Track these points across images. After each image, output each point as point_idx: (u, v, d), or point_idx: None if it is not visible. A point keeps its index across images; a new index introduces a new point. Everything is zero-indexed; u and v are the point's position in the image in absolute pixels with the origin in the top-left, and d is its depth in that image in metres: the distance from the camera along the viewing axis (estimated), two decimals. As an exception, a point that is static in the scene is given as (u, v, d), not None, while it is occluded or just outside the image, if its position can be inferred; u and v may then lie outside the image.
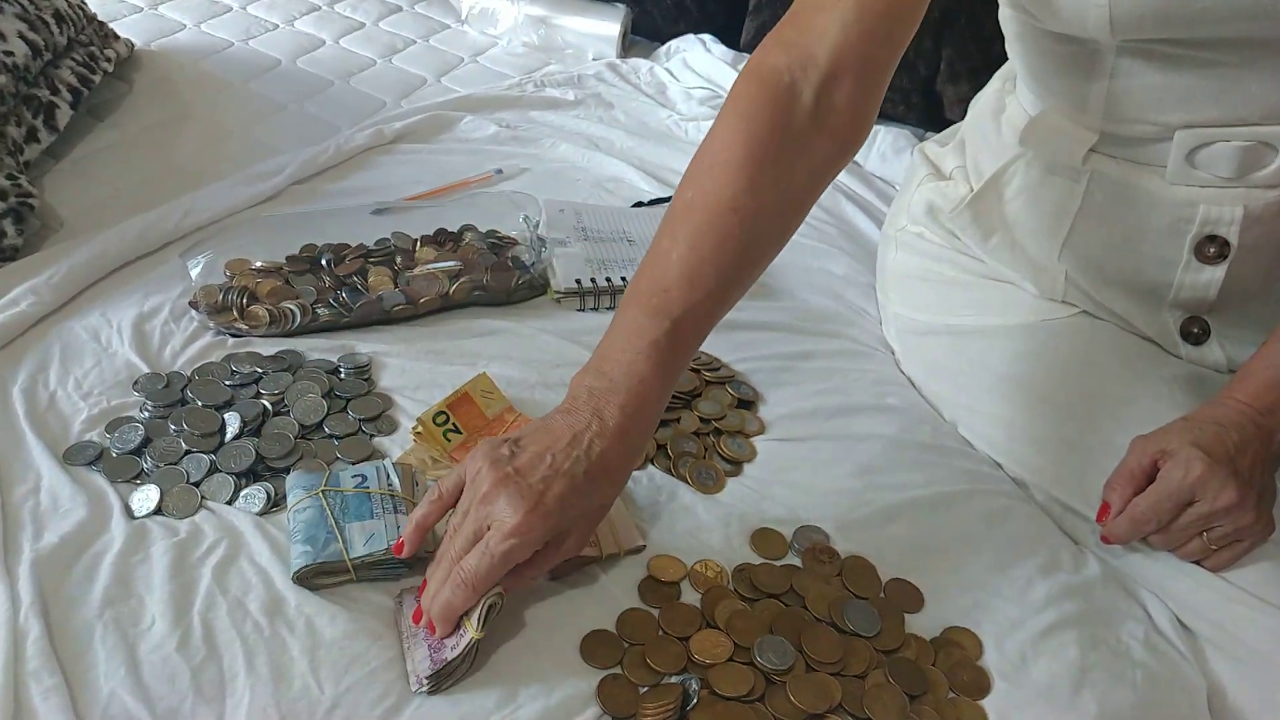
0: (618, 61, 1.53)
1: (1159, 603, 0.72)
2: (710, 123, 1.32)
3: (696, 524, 0.75)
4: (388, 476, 0.71)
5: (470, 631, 0.60)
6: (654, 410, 0.65)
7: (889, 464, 0.81)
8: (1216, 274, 0.75)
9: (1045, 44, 0.76)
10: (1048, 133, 0.79)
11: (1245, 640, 0.67)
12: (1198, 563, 0.70)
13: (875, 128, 1.29)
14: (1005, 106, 0.87)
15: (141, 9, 1.55)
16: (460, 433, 0.78)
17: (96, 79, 1.22)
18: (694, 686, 0.61)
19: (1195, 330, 0.80)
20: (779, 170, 0.67)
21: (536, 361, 0.89)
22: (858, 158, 1.29)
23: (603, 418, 0.63)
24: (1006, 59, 0.88)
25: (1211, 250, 0.74)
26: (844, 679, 0.63)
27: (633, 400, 0.63)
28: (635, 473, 0.79)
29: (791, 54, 0.67)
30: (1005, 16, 0.79)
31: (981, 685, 0.65)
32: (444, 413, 0.78)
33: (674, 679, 0.63)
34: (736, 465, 0.81)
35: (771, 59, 0.68)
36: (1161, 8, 0.65)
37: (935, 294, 0.93)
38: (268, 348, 0.87)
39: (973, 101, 0.97)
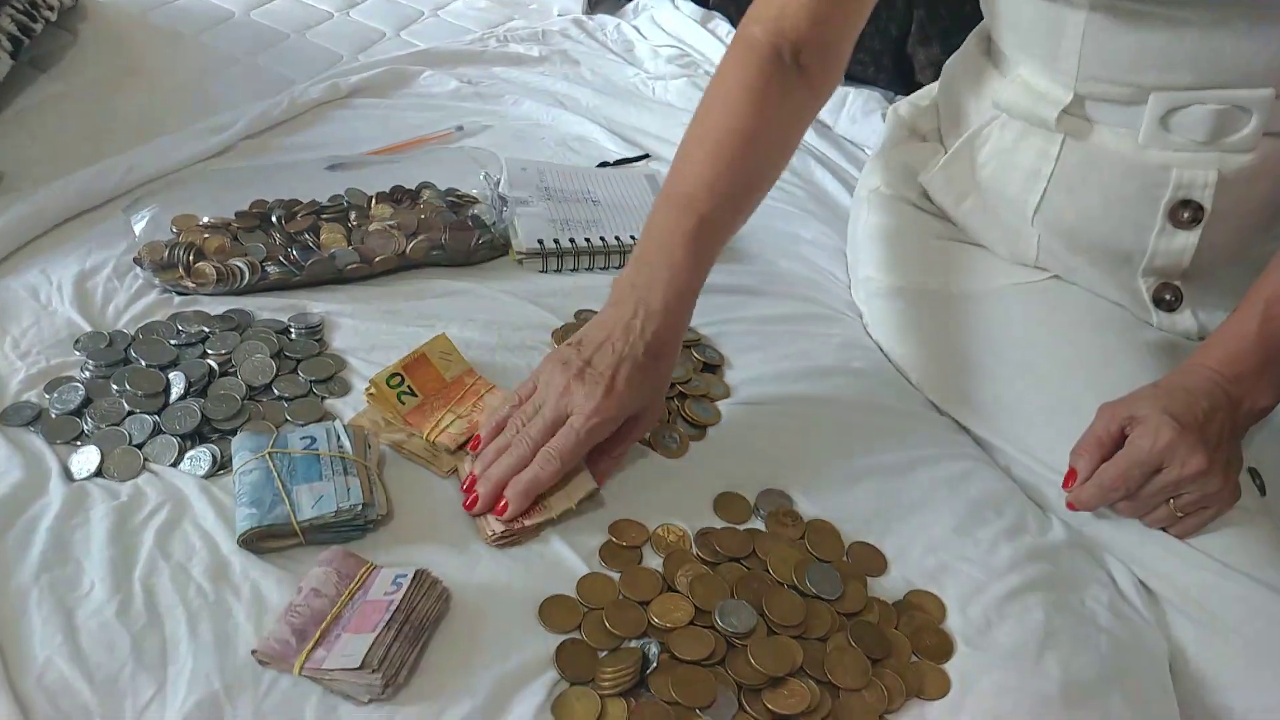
0: (584, 18, 1.49)
1: (1123, 567, 0.71)
2: (678, 81, 1.33)
3: (659, 488, 0.73)
4: (338, 438, 0.69)
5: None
6: (692, 292, 0.73)
7: (855, 428, 0.80)
8: (1190, 239, 0.74)
9: (1018, 3, 0.75)
10: (1021, 93, 0.77)
11: (1209, 606, 0.67)
12: (1164, 529, 0.70)
13: (845, 90, 1.30)
14: (979, 69, 0.85)
15: (88, -44, 1.49)
16: (415, 395, 0.76)
17: (38, 28, 1.17)
18: (653, 650, 0.60)
19: (1168, 297, 0.79)
20: (769, 107, 0.77)
21: (498, 323, 0.86)
22: (827, 120, 1.28)
23: (648, 303, 0.71)
24: (979, 21, 0.87)
25: (1185, 215, 0.73)
26: (806, 642, 0.62)
27: (673, 282, 0.71)
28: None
29: (768, 29, 0.77)
30: None
31: (944, 649, 0.64)
32: (399, 374, 0.76)
33: (633, 643, 0.61)
34: (701, 429, 0.79)
35: (754, 32, 0.78)
36: None
37: (907, 256, 0.91)
38: (215, 306, 0.84)
39: (946, 64, 0.95)
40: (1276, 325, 0.69)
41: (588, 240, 0.96)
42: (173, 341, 0.79)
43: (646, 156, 1.17)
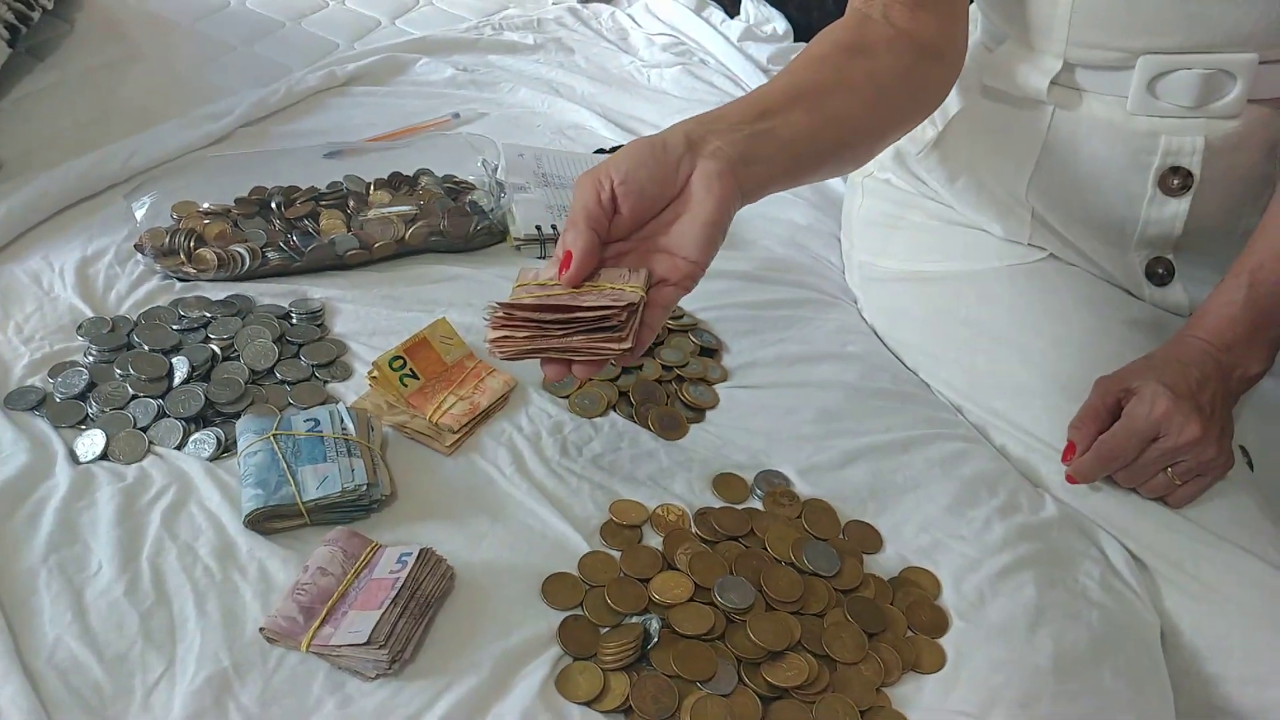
0: (578, 6, 1.50)
1: (1115, 544, 0.72)
2: (673, 69, 1.34)
3: (658, 469, 0.74)
4: (341, 420, 0.69)
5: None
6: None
7: (850, 410, 0.81)
8: (1181, 206, 0.75)
9: None
10: (1012, 66, 0.78)
11: (1203, 577, 0.68)
12: (1161, 499, 0.71)
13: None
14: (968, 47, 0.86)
15: (81, -55, 1.49)
16: (417, 378, 0.76)
17: (35, 16, 1.17)
18: (654, 626, 0.61)
19: (1160, 271, 0.80)
20: (856, 55, 0.71)
21: (496, 308, 0.87)
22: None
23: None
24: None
25: (1175, 182, 0.74)
26: (803, 617, 0.63)
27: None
28: (597, 420, 0.78)
29: None
30: None
31: (939, 624, 0.65)
32: (400, 357, 0.76)
33: (635, 619, 0.62)
34: (699, 412, 0.80)
35: (854, 3, 0.76)
36: None
37: (901, 240, 0.92)
38: (216, 292, 0.85)
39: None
40: (1262, 293, 0.71)
41: (585, 226, 0.97)
42: (175, 326, 0.80)
43: (642, 144, 1.17)
